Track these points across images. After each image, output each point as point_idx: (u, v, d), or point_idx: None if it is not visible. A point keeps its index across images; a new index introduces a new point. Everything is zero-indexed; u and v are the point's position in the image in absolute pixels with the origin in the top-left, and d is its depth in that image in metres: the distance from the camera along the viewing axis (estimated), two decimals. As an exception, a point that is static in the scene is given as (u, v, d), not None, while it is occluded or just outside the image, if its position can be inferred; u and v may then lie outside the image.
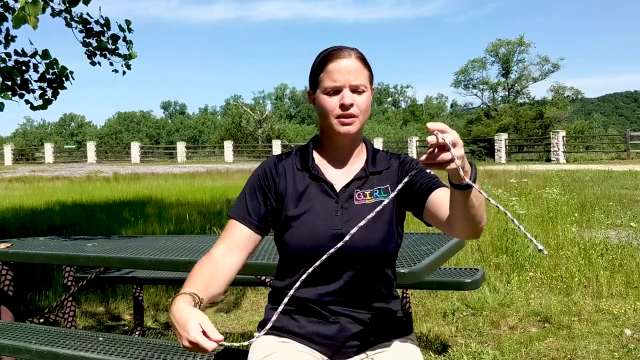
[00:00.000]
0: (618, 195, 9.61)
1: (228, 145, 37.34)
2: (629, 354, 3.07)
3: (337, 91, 1.40)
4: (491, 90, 50.88)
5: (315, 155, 1.51)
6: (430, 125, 1.06)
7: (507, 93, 49.87)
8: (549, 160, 27.10)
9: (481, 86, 51.29)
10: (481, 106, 50.38)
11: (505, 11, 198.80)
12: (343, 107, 1.39)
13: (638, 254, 5.01)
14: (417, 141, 33.76)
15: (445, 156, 1.07)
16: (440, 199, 1.33)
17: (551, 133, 28.28)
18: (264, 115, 46.00)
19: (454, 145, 1.07)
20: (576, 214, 7.13)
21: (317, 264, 1.28)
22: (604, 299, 4.02)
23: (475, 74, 51.16)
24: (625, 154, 25.55)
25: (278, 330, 1.49)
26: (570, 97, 48.00)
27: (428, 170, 1.43)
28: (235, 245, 1.44)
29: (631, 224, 6.72)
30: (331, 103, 1.40)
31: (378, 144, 34.11)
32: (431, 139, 1.06)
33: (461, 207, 1.22)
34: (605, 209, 7.86)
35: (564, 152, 27.03)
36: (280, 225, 1.46)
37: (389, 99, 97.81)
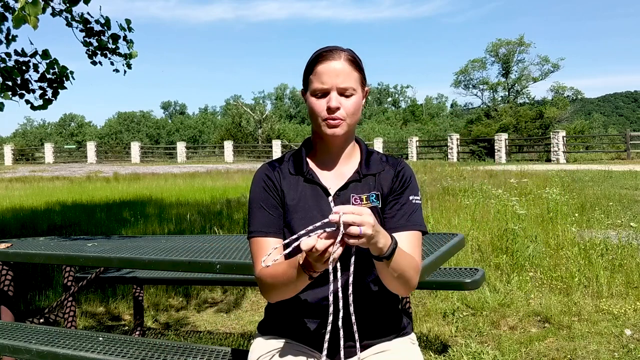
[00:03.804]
0: (618, 195, 9.61)
1: (228, 145, 37.34)
2: (629, 354, 3.07)
3: (325, 93, 1.39)
4: (491, 90, 50.94)
5: (309, 158, 1.51)
6: (337, 208, 1.14)
7: (507, 93, 49.91)
8: (549, 160, 27.09)
9: (481, 86, 51.38)
10: (481, 106, 50.45)
11: (505, 11, 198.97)
12: (329, 110, 1.38)
13: (638, 254, 5.01)
14: (417, 141, 33.76)
15: (352, 231, 1.13)
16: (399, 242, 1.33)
17: (551, 133, 28.27)
18: (264, 115, 46.00)
19: (360, 224, 1.13)
20: (576, 214, 7.13)
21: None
22: (604, 299, 4.02)
23: (475, 74, 51.26)
24: (625, 154, 25.55)
25: (279, 331, 1.49)
26: (570, 97, 48.10)
27: (416, 200, 1.45)
28: None
29: (631, 224, 6.72)
30: (319, 105, 1.40)
31: (378, 144, 34.11)
32: (333, 217, 1.13)
33: (381, 270, 1.30)
34: (605, 209, 7.86)
35: (564, 152, 27.01)
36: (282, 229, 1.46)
37: (389, 99, 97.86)
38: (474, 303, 3.99)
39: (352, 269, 1.24)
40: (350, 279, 1.25)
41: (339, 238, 1.13)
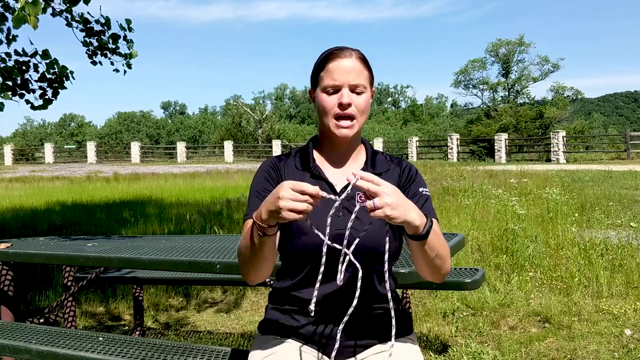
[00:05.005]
0: (618, 195, 9.61)
1: (228, 145, 37.34)
2: (629, 354, 3.07)
3: (336, 90, 1.41)
4: (491, 90, 50.97)
5: (315, 155, 1.52)
6: (356, 171, 1.17)
7: (507, 93, 49.93)
8: (549, 160, 27.09)
9: (481, 86, 51.41)
10: (481, 106, 50.48)
11: (505, 11, 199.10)
12: (341, 106, 1.40)
13: (638, 254, 5.01)
14: (417, 141, 33.76)
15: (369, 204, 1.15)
16: None
17: (551, 133, 28.27)
18: (264, 115, 45.99)
19: (375, 195, 1.15)
20: (576, 214, 7.12)
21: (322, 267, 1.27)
22: (604, 299, 4.02)
23: (475, 74, 51.30)
24: (625, 154, 25.54)
25: (279, 330, 1.49)
26: (570, 97, 48.13)
27: (425, 192, 1.46)
28: None
29: (631, 224, 6.72)
30: (330, 102, 1.41)
31: (378, 144, 34.11)
32: (350, 178, 1.16)
33: (415, 252, 1.30)
34: (605, 209, 7.86)
35: (564, 152, 27.01)
36: (283, 226, 1.45)
37: (389, 99, 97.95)
38: (474, 303, 3.99)
39: (387, 256, 1.25)
40: (386, 266, 1.28)
41: (357, 204, 1.16)
